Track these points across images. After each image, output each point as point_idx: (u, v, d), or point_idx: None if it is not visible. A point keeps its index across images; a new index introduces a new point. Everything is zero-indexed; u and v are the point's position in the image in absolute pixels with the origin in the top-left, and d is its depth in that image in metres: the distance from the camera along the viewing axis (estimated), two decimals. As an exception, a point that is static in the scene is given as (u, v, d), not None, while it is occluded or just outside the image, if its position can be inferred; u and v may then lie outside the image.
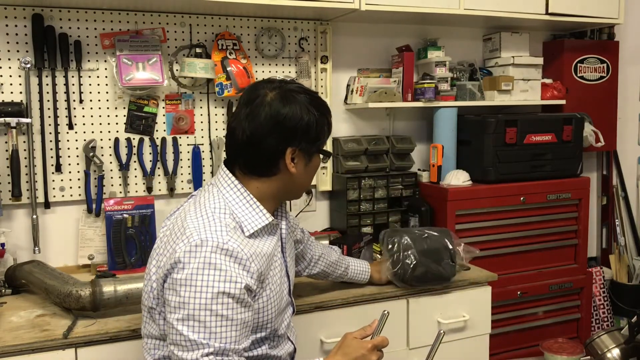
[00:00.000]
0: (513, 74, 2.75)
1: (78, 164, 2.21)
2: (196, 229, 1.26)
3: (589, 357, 2.68)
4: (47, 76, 2.14)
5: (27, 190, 2.13)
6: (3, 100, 2.09)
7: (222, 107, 2.41)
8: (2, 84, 2.10)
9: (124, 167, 2.27)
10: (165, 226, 1.43)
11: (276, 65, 2.49)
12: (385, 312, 1.50)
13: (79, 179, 2.22)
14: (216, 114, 2.40)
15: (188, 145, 2.37)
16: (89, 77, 2.21)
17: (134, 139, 2.28)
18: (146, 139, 2.30)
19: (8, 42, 2.10)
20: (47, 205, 2.17)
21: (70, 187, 2.21)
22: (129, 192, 2.29)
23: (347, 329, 1.51)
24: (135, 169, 2.30)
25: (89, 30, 2.20)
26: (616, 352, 2.68)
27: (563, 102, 2.86)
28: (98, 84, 2.22)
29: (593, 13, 2.73)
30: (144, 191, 2.31)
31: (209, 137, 2.40)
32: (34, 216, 2.12)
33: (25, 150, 2.12)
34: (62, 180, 2.20)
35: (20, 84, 2.12)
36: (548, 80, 2.88)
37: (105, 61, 2.22)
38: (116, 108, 2.26)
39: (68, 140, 2.20)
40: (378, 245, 2.17)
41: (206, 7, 2.24)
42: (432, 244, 1.98)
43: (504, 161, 2.58)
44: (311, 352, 1.84)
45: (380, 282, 1.98)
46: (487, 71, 2.84)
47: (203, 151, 2.39)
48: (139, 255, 2.22)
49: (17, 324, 1.68)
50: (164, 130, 2.33)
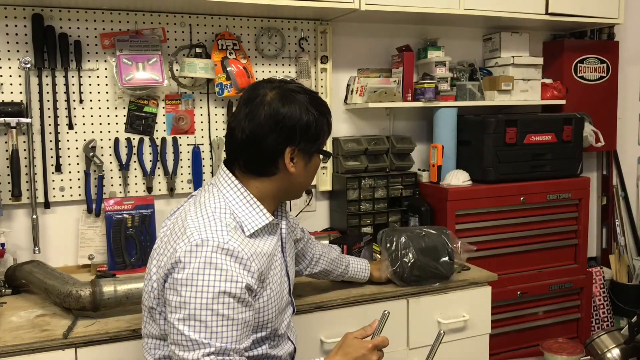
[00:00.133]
0: (513, 74, 2.75)
1: (78, 164, 2.21)
2: (197, 228, 1.26)
3: (589, 357, 2.68)
4: (47, 76, 2.14)
5: (27, 190, 2.13)
6: (3, 100, 2.09)
7: (222, 107, 2.41)
8: (2, 84, 2.10)
9: (124, 167, 2.27)
10: (166, 226, 1.43)
11: (276, 65, 2.49)
12: (386, 312, 1.50)
13: (79, 179, 2.22)
14: (216, 114, 2.40)
15: (188, 145, 2.37)
16: (89, 77, 2.21)
17: (134, 139, 2.28)
18: (146, 139, 2.30)
19: (8, 42, 2.10)
20: (47, 205, 2.17)
21: (70, 187, 2.21)
22: (129, 192, 2.29)
23: (347, 329, 1.51)
24: (135, 169, 2.30)
25: (89, 30, 2.20)
26: (616, 352, 2.68)
27: (563, 102, 2.86)
28: (98, 84, 2.22)
29: (593, 13, 2.73)
30: (144, 191, 2.31)
31: (209, 137, 2.40)
32: (34, 216, 2.12)
33: (25, 150, 2.12)
34: (62, 180, 2.20)
35: (20, 84, 2.12)
36: (548, 80, 2.88)
37: (105, 61, 2.22)
38: (116, 108, 2.26)
39: (68, 140, 2.20)
40: (378, 245, 2.17)
41: (206, 7, 2.24)
42: (430, 242, 1.99)
43: (504, 161, 2.58)
44: (311, 352, 1.84)
45: (380, 281, 1.99)
46: (487, 71, 2.84)
47: (203, 151, 2.39)
48: (139, 255, 2.22)
49: (17, 324, 1.68)
50: (164, 130, 2.33)
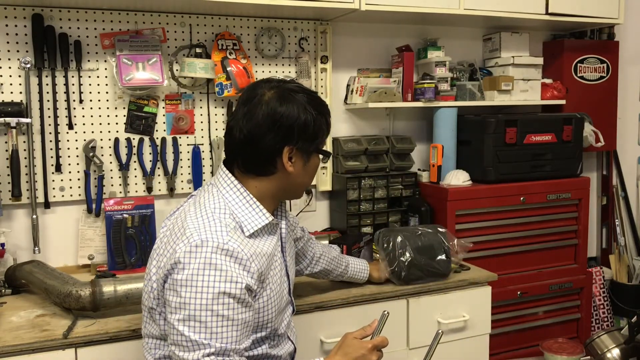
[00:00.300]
0: (513, 74, 2.75)
1: (78, 164, 2.21)
2: (196, 229, 1.26)
3: (589, 357, 2.68)
4: (47, 76, 2.14)
5: (27, 190, 2.13)
6: (3, 100, 2.09)
7: (222, 107, 2.41)
8: (2, 84, 2.10)
9: (124, 167, 2.27)
10: (165, 226, 1.43)
11: (276, 65, 2.49)
12: (385, 312, 1.50)
13: (79, 179, 2.22)
14: (216, 114, 2.40)
15: (188, 145, 2.37)
16: (89, 77, 2.21)
17: (134, 139, 2.28)
18: (146, 139, 2.30)
19: (8, 42, 2.10)
20: (47, 205, 2.17)
21: (70, 187, 2.21)
22: (128, 192, 2.29)
23: (347, 329, 1.51)
24: (135, 169, 2.30)
25: (89, 30, 2.20)
26: (616, 352, 2.68)
27: (563, 102, 2.86)
28: (98, 84, 2.22)
29: (593, 13, 2.73)
30: (144, 191, 2.31)
31: (209, 137, 2.40)
32: (34, 216, 2.12)
33: (25, 150, 2.12)
34: (62, 180, 2.20)
35: (20, 84, 2.12)
36: (548, 80, 2.88)
37: (105, 61, 2.22)
38: (116, 108, 2.26)
39: (68, 140, 2.20)
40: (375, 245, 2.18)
41: (206, 7, 2.24)
42: (426, 240, 2.00)
43: (504, 161, 2.58)
44: (311, 352, 1.84)
45: (379, 281, 1.99)
46: (487, 71, 2.84)
47: (203, 151, 2.39)
48: (139, 255, 2.22)
49: (17, 324, 1.68)
50: (164, 130, 2.33)
